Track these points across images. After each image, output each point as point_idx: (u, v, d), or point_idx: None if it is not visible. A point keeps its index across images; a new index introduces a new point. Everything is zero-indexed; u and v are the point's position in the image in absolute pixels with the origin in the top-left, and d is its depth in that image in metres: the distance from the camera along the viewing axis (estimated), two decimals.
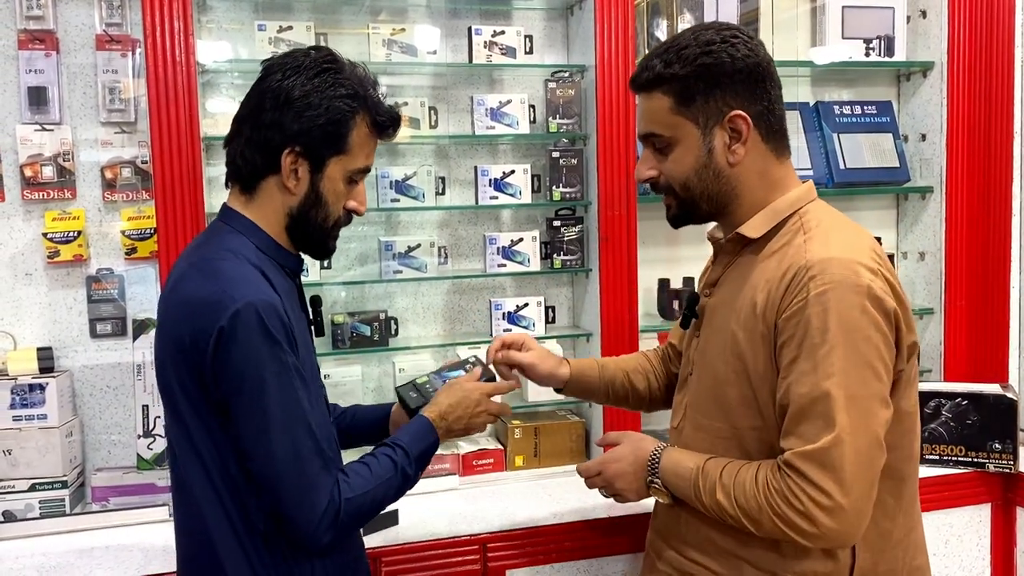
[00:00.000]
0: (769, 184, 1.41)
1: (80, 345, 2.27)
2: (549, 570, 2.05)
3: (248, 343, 1.26)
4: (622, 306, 2.35)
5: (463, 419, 1.55)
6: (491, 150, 2.54)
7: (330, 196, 1.40)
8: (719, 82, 1.35)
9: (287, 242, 1.44)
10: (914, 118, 2.74)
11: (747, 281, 1.38)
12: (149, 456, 2.22)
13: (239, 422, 1.30)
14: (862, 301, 1.25)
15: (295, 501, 1.29)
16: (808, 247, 1.31)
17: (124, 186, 2.27)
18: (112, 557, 1.92)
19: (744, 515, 1.32)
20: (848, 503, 1.23)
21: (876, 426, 1.26)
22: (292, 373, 1.29)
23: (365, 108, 1.38)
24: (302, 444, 1.29)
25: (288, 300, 1.38)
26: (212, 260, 1.34)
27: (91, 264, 2.27)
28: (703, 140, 1.37)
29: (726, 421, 1.41)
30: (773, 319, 1.31)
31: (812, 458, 1.24)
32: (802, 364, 1.26)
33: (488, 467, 2.39)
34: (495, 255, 2.43)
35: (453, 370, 1.72)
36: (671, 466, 1.45)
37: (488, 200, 2.41)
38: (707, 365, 1.44)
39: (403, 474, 1.42)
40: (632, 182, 2.34)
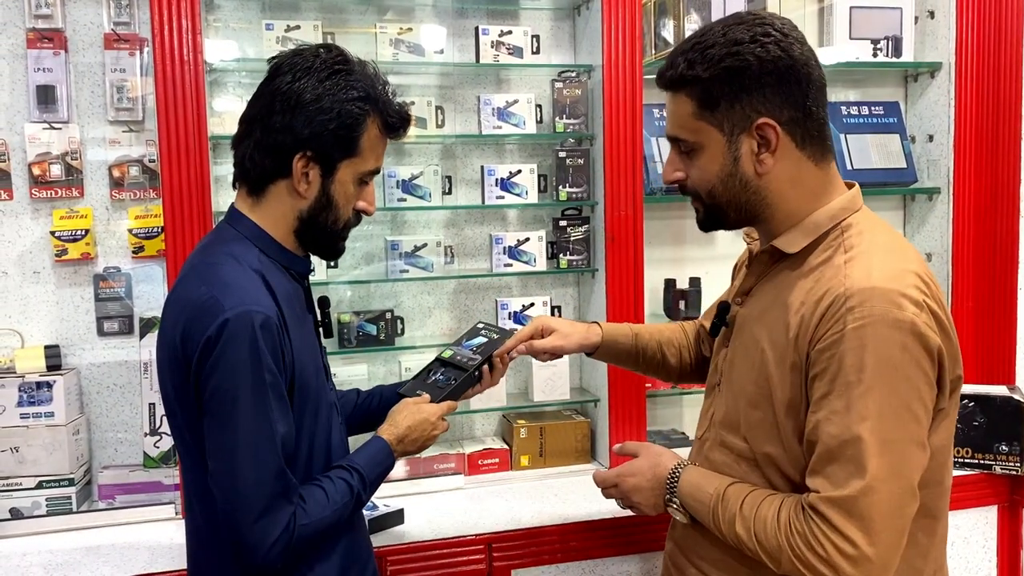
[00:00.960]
0: (807, 193, 1.30)
1: (87, 343, 2.27)
2: (555, 570, 2.05)
3: (231, 356, 1.23)
4: (628, 306, 2.35)
5: (418, 441, 1.55)
6: (497, 150, 2.54)
7: (340, 199, 1.40)
8: (745, 86, 1.24)
9: (294, 244, 1.42)
10: (921, 119, 2.73)
11: (781, 298, 1.29)
12: (155, 454, 2.23)
13: (208, 436, 1.28)
14: (904, 338, 1.16)
15: (249, 524, 1.25)
16: (848, 271, 1.21)
17: (132, 185, 2.28)
18: (118, 555, 1.93)
19: (763, 551, 1.26)
20: (874, 553, 1.17)
21: (910, 473, 1.19)
22: (268, 393, 1.26)
23: (376, 110, 1.37)
24: (266, 467, 1.26)
25: (291, 304, 1.38)
26: (212, 264, 1.34)
27: (98, 262, 2.27)
28: (728, 147, 1.27)
29: (747, 442, 1.34)
30: (806, 348, 1.22)
31: (839, 505, 1.17)
32: (834, 402, 1.18)
33: (493, 467, 2.40)
34: (501, 255, 2.43)
35: (472, 338, 1.77)
36: (690, 489, 1.39)
37: (494, 200, 2.41)
38: (734, 380, 1.36)
39: (357, 499, 1.41)
40: (639, 182, 2.34)
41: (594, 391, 2.49)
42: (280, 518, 1.27)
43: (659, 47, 2.50)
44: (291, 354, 1.33)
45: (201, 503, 1.38)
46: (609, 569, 2.08)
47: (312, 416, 1.40)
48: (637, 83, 2.31)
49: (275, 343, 1.27)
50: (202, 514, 1.38)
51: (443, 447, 2.40)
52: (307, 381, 1.38)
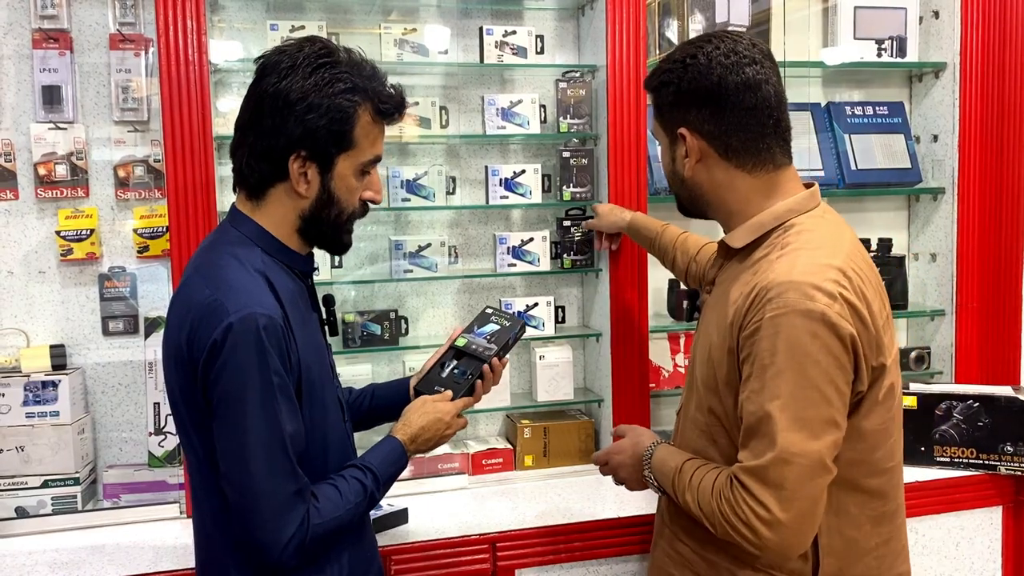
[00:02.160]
0: (741, 197, 1.45)
1: (92, 343, 2.28)
2: (559, 570, 2.05)
3: (237, 359, 1.24)
4: (632, 306, 2.35)
5: (431, 440, 1.55)
6: (502, 150, 2.54)
7: (342, 193, 1.39)
8: (672, 99, 1.44)
9: (298, 243, 1.42)
10: (926, 119, 2.73)
11: (728, 289, 1.43)
12: (160, 453, 2.23)
13: (219, 438, 1.28)
14: (813, 326, 1.28)
15: (263, 524, 1.26)
16: (775, 266, 1.34)
17: (137, 184, 2.28)
18: (123, 554, 1.93)
19: (704, 517, 1.39)
20: (787, 518, 1.28)
21: (820, 447, 1.29)
22: (276, 394, 1.26)
23: (367, 99, 1.35)
24: (278, 467, 1.27)
25: (295, 303, 1.37)
26: (216, 266, 1.33)
27: (103, 262, 2.28)
28: (671, 148, 1.49)
29: (704, 416, 1.48)
30: (736, 335, 1.36)
31: (755, 473, 1.30)
32: (753, 383, 1.32)
33: (497, 467, 2.40)
34: (505, 255, 2.43)
35: (483, 325, 1.75)
36: (658, 464, 1.53)
37: (498, 200, 2.41)
38: (697, 362, 1.52)
39: (370, 499, 1.42)
40: (643, 182, 2.34)
41: (598, 391, 2.49)
42: (294, 517, 1.28)
43: (663, 47, 2.50)
44: (297, 354, 1.33)
45: (207, 501, 1.38)
46: (613, 569, 2.08)
47: (320, 414, 1.40)
48: (641, 83, 2.30)
49: (280, 344, 1.27)
50: (209, 512, 1.39)
51: (447, 447, 2.40)
52: (314, 380, 1.38)
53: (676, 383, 2.57)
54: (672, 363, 2.57)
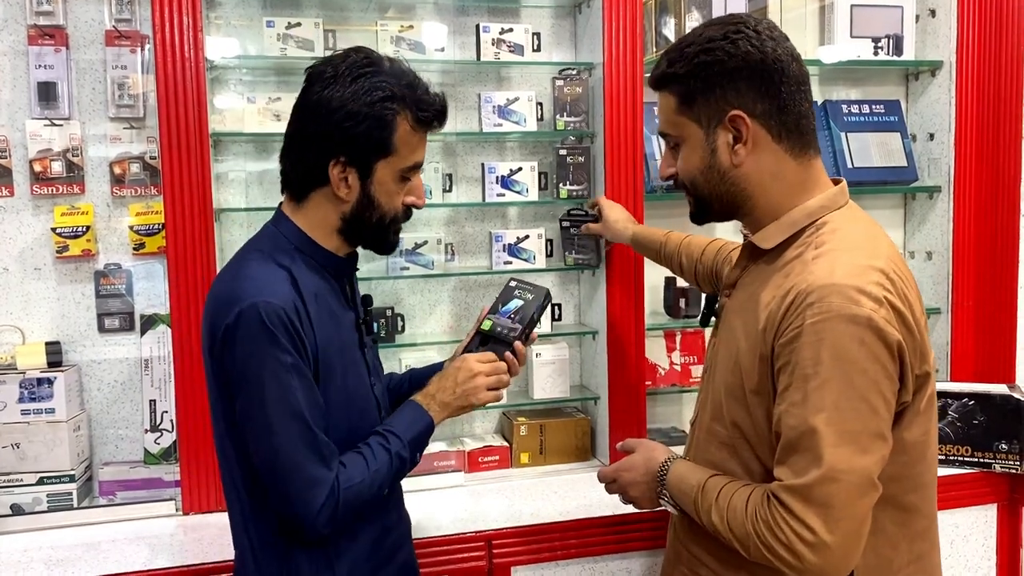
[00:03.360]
0: (786, 187, 1.35)
1: (88, 340, 2.28)
2: (555, 567, 2.05)
3: (248, 342, 1.31)
4: (629, 304, 2.36)
5: (454, 390, 1.53)
6: (498, 147, 2.54)
7: (383, 197, 1.43)
8: (717, 81, 1.31)
9: (337, 244, 1.47)
10: (922, 117, 2.73)
11: (757, 292, 1.35)
12: (156, 451, 2.23)
13: (242, 420, 1.36)
14: (860, 333, 1.20)
15: (295, 495, 1.33)
16: (813, 268, 1.26)
17: (133, 181, 2.28)
18: (119, 551, 1.93)
19: (734, 539, 1.31)
20: (833, 540, 1.21)
21: (868, 463, 1.22)
22: (291, 372, 1.32)
23: (405, 107, 1.39)
24: (300, 440, 1.33)
25: (321, 299, 1.42)
26: (241, 259, 1.43)
27: (99, 259, 2.27)
28: (706, 140, 1.35)
29: (726, 428, 1.39)
30: (771, 342, 1.28)
31: (798, 492, 1.22)
32: (793, 394, 1.24)
33: (494, 464, 2.40)
34: (501, 252, 2.43)
35: (507, 301, 1.68)
36: (676, 481, 1.44)
37: (495, 197, 2.41)
38: (718, 369, 1.42)
39: (399, 459, 1.44)
40: (640, 179, 2.34)
41: (594, 389, 2.50)
42: (323, 486, 1.33)
43: (660, 45, 2.50)
44: (314, 345, 1.37)
45: (236, 490, 1.44)
46: (610, 566, 2.08)
47: (342, 411, 1.43)
48: (638, 81, 2.31)
49: (289, 330, 1.32)
50: (236, 504, 1.44)
51: (443, 444, 2.40)
52: (332, 372, 1.41)
53: (672, 381, 2.58)
54: (668, 361, 2.57)
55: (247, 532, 1.44)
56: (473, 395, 1.53)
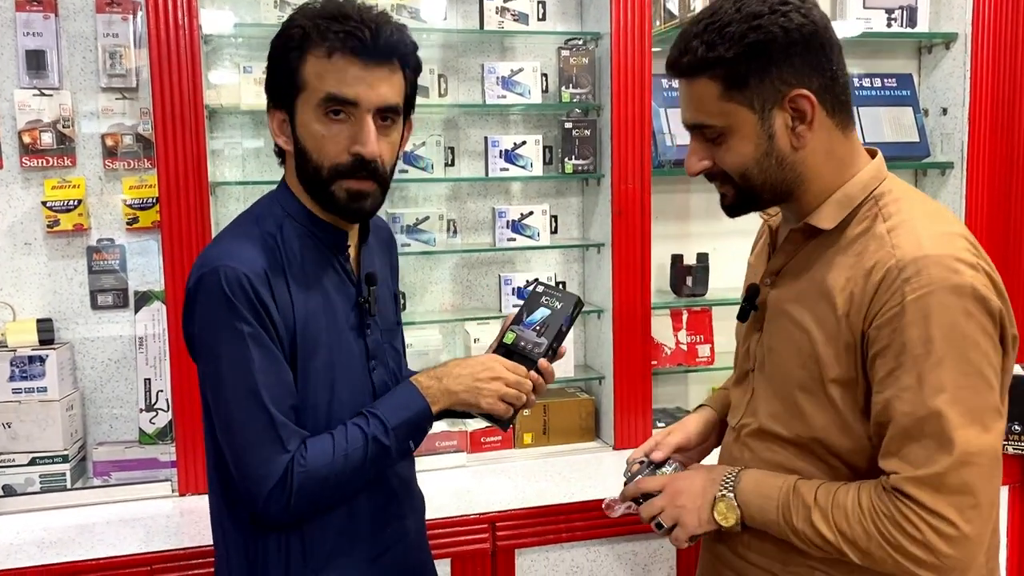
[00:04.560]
0: (838, 164, 1.25)
1: (81, 317, 2.22)
2: (559, 550, 2.01)
3: (206, 308, 1.24)
4: (635, 283, 2.30)
5: (468, 381, 1.34)
6: (502, 120, 2.48)
7: (309, 142, 1.27)
8: (773, 59, 1.18)
9: (320, 210, 1.33)
10: (935, 91, 2.67)
11: (821, 276, 1.24)
12: (151, 430, 2.18)
13: (203, 392, 1.30)
14: (966, 304, 1.12)
15: (244, 476, 1.25)
16: (896, 241, 1.17)
17: (125, 154, 2.21)
18: (114, 533, 1.88)
19: (846, 542, 1.18)
20: (971, 530, 1.12)
21: (995, 441, 1.13)
22: (247, 343, 1.22)
23: (309, 35, 1.24)
24: (252, 416, 1.23)
25: (312, 271, 1.31)
26: (229, 224, 1.36)
27: (92, 234, 2.22)
28: (761, 125, 1.20)
29: (796, 428, 1.27)
30: (860, 326, 1.17)
31: (927, 484, 1.12)
32: (904, 378, 1.13)
33: (496, 444, 2.35)
34: (504, 228, 2.37)
35: (533, 311, 1.46)
36: (752, 487, 1.28)
37: (498, 172, 2.35)
38: (777, 365, 1.30)
39: (376, 444, 1.28)
40: (647, 154, 2.28)
41: (599, 368, 2.45)
42: (274, 468, 1.23)
43: (664, 19, 2.43)
44: (290, 317, 1.27)
45: (210, 467, 1.36)
46: (615, 549, 2.04)
47: (323, 391, 1.31)
48: (646, 52, 2.25)
49: (251, 297, 1.23)
50: (213, 479, 1.37)
51: (444, 424, 2.35)
52: (315, 351, 1.30)
53: (678, 360, 2.53)
54: (674, 340, 2.52)
55: (219, 512, 1.36)
56: (484, 396, 1.34)
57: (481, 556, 1.95)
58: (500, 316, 2.41)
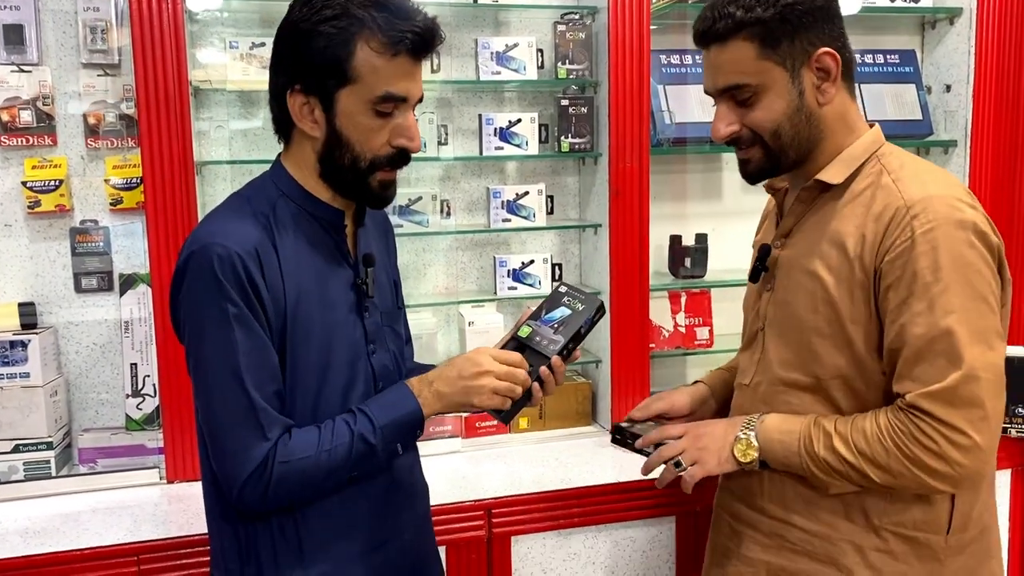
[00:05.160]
0: (847, 125, 1.37)
1: (64, 300, 2.16)
2: (557, 537, 1.97)
3: (194, 288, 1.21)
4: (633, 264, 2.25)
5: (455, 382, 1.30)
6: (496, 97, 2.41)
7: (354, 134, 1.25)
8: (804, 22, 1.31)
9: (325, 191, 1.30)
10: (938, 68, 2.61)
11: (830, 227, 1.35)
12: (138, 416, 2.13)
13: (189, 371, 1.27)
14: (969, 236, 1.24)
15: (223, 458, 1.22)
16: (902, 188, 1.29)
17: (108, 133, 2.14)
18: (100, 522, 1.84)
19: (867, 461, 1.27)
20: (983, 441, 1.22)
21: (999, 360, 1.24)
22: (232, 324, 1.19)
23: (364, 26, 1.21)
24: (233, 400, 1.20)
25: (307, 252, 1.28)
26: (221, 204, 1.32)
27: (75, 215, 2.15)
28: (792, 83, 1.32)
29: (811, 372, 1.36)
30: (872, 263, 1.28)
31: (940, 398, 1.22)
32: (915, 305, 1.24)
33: (491, 429, 2.31)
34: (499, 209, 2.32)
35: (553, 308, 1.43)
36: (776, 422, 1.37)
37: (493, 151, 2.29)
38: (790, 316, 1.39)
39: (363, 442, 1.24)
40: (645, 132, 2.23)
41: (596, 352, 2.40)
42: (253, 455, 1.20)
43: None
44: (282, 299, 1.24)
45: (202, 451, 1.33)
46: (613, 535, 2.00)
47: (315, 376, 1.27)
48: (645, 27, 2.18)
49: (241, 278, 1.20)
50: (204, 465, 1.33)
51: None
52: (308, 334, 1.26)
53: (676, 343, 2.48)
54: (672, 322, 2.48)
55: (212, 501, 1.33)
56: (475, 394, 1.29)
57: (476, 543, 1.91)
58: (495, 299, 2.36)
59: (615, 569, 2.02)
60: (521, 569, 1.96)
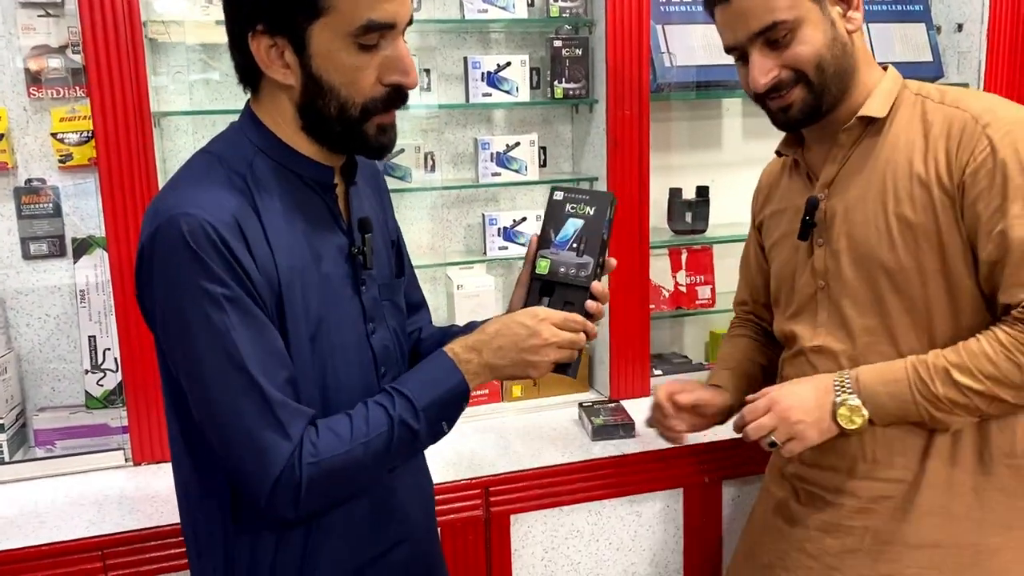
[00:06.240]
0: (870, 59, 1.39)
1: (11, 268, 1.96)
2: (558, 514, 1.85)
3: (167, 268, 1.02)
4: (632, 221, 2.10)
5: (513, 352, 1.13)
6: (482, 39, 2.22)
7: (334, 75, 1.05)
8: None
9: (310, 146, 1.12)
10: (949, 6, 2.46)
11: (887, 162, 1.33)
12: (99, 393, 1.95)
13: (176, 368, 1.07)
14: None
15: (243, 465, 1.04)
16: (961, 104, 1.29)
17: (52, 81, 1.93)
18: (59, 512, 1.67)
19: (998, 384, 1.24)
20: None
21: None
22: (224, 308, 1.01)
23: None
24: (243, 397, 1.02)
25: (294, 217, 1.09)
26: (184, 164, 1.11)
27: (19, 173, 1.95)
28: (823, 13, 1.32)
29: (900, 314, 1.33)
30: (953, 181, 1.27)
31: None
32: (1013, 208, 1.22)
33: (483, 398, 2.16)
34: (488, 162, 2.14)
35: (561, 224, 1.21)
36: (874, 376, 1.31)
37: (480, 98, 2.10)
38: (860, 264, 1.35)
39: (404, 428, 1.08)
40: (645, 76, 2.06)
41: None
42: (275, 458, 1.02)
43: None
44: (272, 273, 1.05)
45: (173, 445, 1.15)
46: (618, 510, 1.88)
47: (315, 361, 1.10)
48: None
49: (223, 252, 1.01)
50: (176, 459, 1.16)
51: None
52: (303, 312, 1.09)
53: (677, 304, 2.35)
54: (673, 282, 2.34)
55: (189, 499, 1.16)
56: (534, 367, 1.13)
57: (474, 524, 1.78)
58: (485, 260, 2.20)
59: (620, 545, 1.90)
60: (521, 549, 1.84)
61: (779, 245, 1.51)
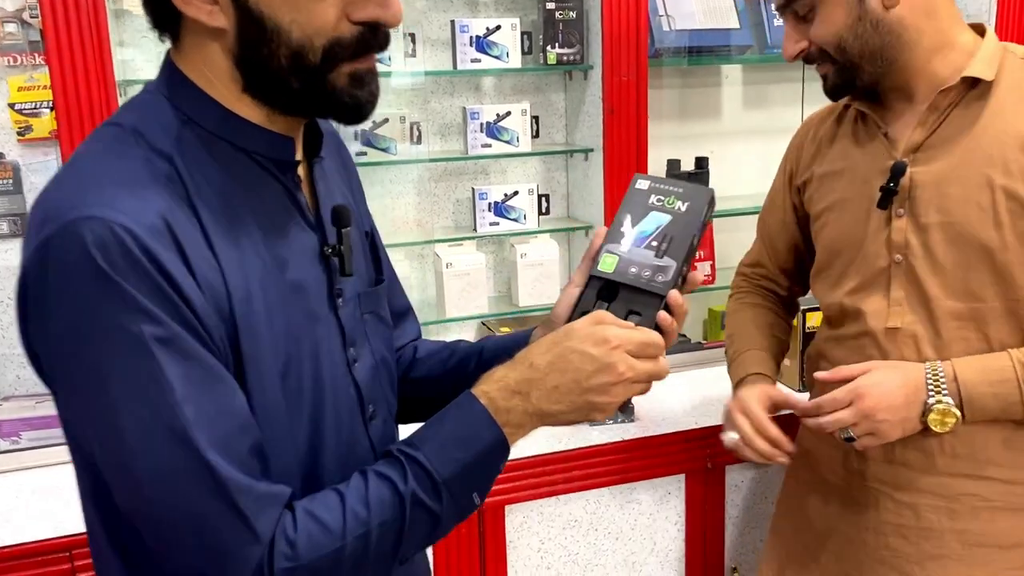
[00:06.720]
0: (946, 24, 1.24)
1: None
2: (555, 503, 1.77)
3: (64, 301, 0.71)
4: None
5: (569, 392, 0.83)
6: (470, 1, 2.10)
7: (280, 10, 0.76)
8: None
9: (258, 111, 0.82)
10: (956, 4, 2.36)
11: (995, 129, 1.22)
12: None
13: (86, 441, 0.78)
14: None
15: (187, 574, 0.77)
16: None
17: (8, 47, 1.81)
18: (23, 511, 1.57)
19: None
20: None
21: None
22: (155, 355, 0.71)
23: None
24: (188, 481, 0.73)
25: (243, 211, 0.81)
26: (84, 144, 0.81)
27: None
28: None
29: (997, 298, 1.23)
30: None
31: None
32: None
33: None
34: (478, 132, 2.03)
35: (641, 217, 0.95)
36: (975, 374, 1.21)
37: (469, 64, 1.99)
38: (953, 241, 1.24)
39: (420, 510, 0.80)
40: (644, 41, 1.95)
41: None
42: (238, 566, 0.74)
43: None
44: (223, 290, 0.77)
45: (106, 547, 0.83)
46: (618, 498, 1.81)
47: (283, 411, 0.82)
48: None
49: (148, 268, 0.71)
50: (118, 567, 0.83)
51: None
52: (267, 344, 0.80)
53: None
54: None
55: None
56: (600, 411, 0.84)
57: None
58: (475, 236, 2.10)
59: (619, 534, 1.83)
60: (516, 540, 1.76)
61: (835, 210, 1.36)
